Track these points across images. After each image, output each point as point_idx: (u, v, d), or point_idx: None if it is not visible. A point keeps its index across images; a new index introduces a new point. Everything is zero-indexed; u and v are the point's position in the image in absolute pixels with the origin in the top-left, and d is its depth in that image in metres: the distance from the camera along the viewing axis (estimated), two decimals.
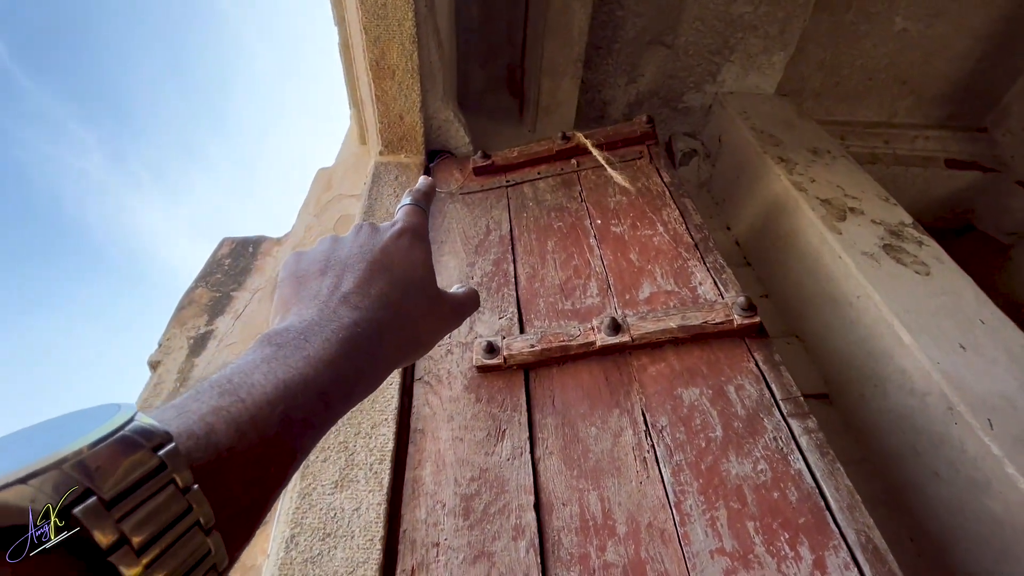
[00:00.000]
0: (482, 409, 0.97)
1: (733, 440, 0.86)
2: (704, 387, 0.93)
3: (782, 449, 0.84)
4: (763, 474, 0.81)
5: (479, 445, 0.92)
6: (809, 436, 0.85)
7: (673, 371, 0.96)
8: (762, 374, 0.92)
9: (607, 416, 0.92)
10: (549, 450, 0.90)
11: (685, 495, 0.81)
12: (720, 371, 0.94)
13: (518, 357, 1.01)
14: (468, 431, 0.94)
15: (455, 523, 0.83)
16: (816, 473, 0.80)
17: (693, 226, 1.25)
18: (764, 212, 1.79)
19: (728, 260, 1.91)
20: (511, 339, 1.04)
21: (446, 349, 1.10)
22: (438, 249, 1.33)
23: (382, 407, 0.98)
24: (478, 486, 0.86)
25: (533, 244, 1.29)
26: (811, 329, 1.59)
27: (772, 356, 0.96)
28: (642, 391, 0.95)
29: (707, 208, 2.14)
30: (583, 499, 0.83)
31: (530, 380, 1.00)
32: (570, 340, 1.01)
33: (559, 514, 0.82)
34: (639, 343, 1.00)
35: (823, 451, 0.83)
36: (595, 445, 0.89)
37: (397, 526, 0.84)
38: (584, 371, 1.00)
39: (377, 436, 0.93)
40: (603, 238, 1.26)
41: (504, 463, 0.89)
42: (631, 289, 1.14)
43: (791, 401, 0.90)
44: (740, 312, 0.99)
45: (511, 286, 1.20)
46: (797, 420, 0.87)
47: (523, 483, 0.86)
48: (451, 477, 0.88)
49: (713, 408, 0.90)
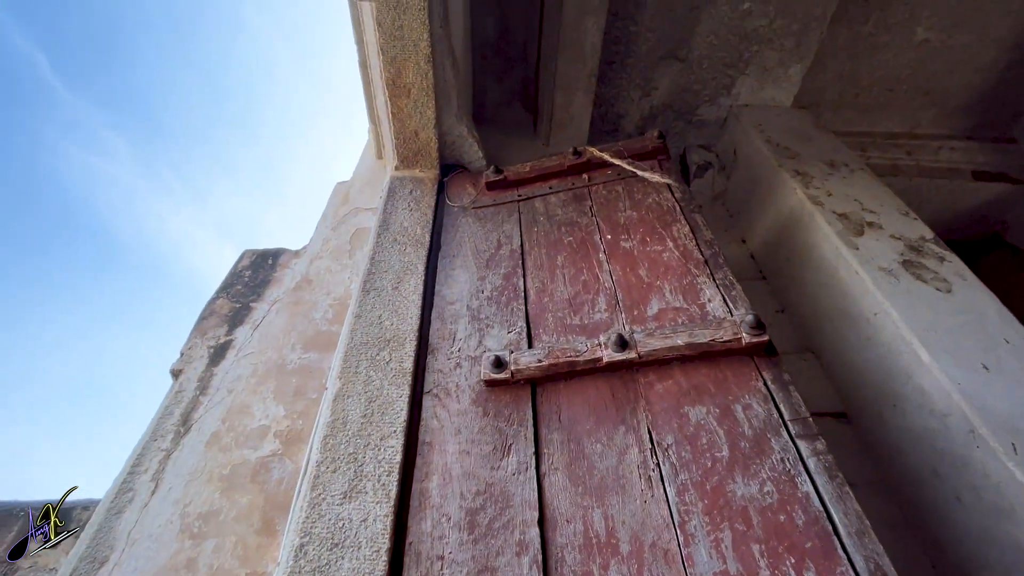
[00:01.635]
0: (489, 423, 0.98)
1: (739, 460, 0.85)
2: (711, 405, 0.93)
3: (789, 471, 0.83)
4: (769, 496, 0.81)
5: (485, 459, 0.93)
6: (817, 458, 0.84)
7: (680, 389, 0.96)
8: (770, 393, 0.92)
9: (613, 433, 0.93)
10: (554, 466, 0.91)
11: (690, 515, 0.81)
12: (728, 390, 0.94)
13: (525, 372, 1.02)
14: (475, 445, 0.95)
15: (460, 537, 0.83)
16: (824, 496, 0.79)
17: (703, 242, 1.25)
18: (779, 226, 1.78)
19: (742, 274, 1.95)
20: (519, 353, 1.05)
21: (455, 362, 1.12)
22: (449, 263, 1.35)
23: (391, 419, 0.99)
24: (483, 500, 0.87)
25: (543, 259, 1.30)
26: (828, 345, 1.56)
27: (781, 375, 0.95)
28: (648, 408, 0.95)
29: (721, 221, 2.12)
30: (587, 516, 0.83)
31: (537, 395, 1.01)
32: (577, 356, 1.02)
33: (563, 531, 0.82)
34: (646, 360, 1.00)
35: (831, 474, 0.82)
36: (600, 462, 0.89)
37: (403, 538, 0.85)
38: (591, 387, 1.00)
39: (386, 448, 0.94)
40: (612, 253, 1.27)
41: (509, 478, 0.89)
42: (639, 305, 1.14)
43: (800, 422, 0.89)
44: (749, 330, 0.98)
45: (520, 300, 1.21)
46: (805, 441, 0.86)
47: (528, 498, 0.86)
48: (457, 490, 0.89)
49: (720, 427, 0.90)
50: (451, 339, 1.16)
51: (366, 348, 1.11)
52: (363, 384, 1.04)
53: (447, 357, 1.13)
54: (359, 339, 1.13)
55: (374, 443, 0.95)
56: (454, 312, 1.21)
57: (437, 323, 1.20)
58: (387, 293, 1.22)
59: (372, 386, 1.04)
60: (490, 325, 1.17)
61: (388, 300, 1.21)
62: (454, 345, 1.15)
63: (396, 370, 1.07)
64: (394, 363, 1.09)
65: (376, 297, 1.22)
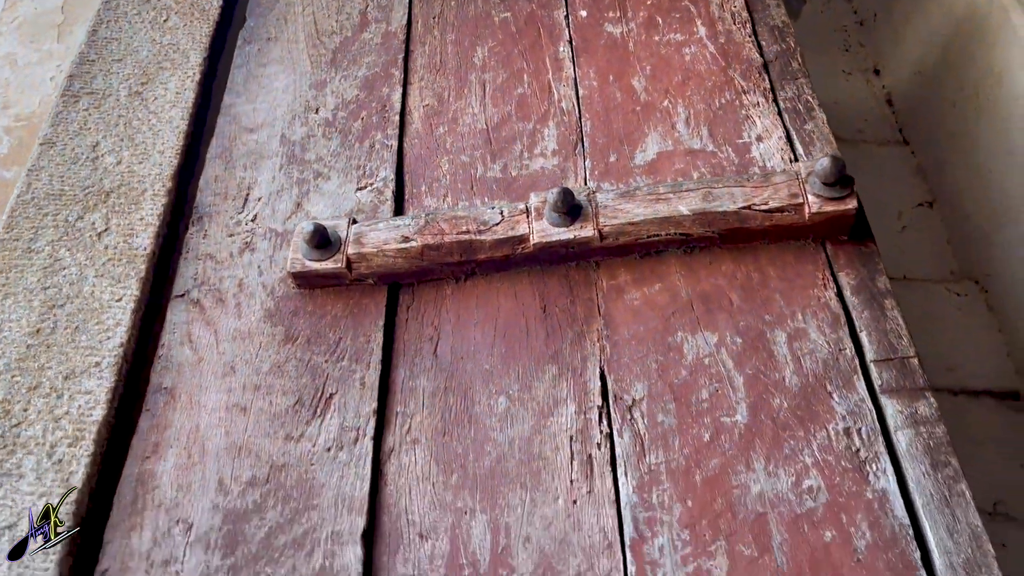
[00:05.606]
0: (294, 356, 0.98)
1: (765, 432, 0.85)
2: (728, 331, 0.93)
3: (857, 452, 0.82)
4: (810, 496, 0.80)
5: (278, 421, 0.93)
6: (915, 431, 0.82)
7: (673, 299, 0.96)
8: (846, 311, 0.91)
9: (533, 377, 0.93)
10: (412, 437, 0.91)
11: (655, 528, 0.80)
12: (766, 302, 0.94)
13: (376, 261, 1.00)
14: (261, 395, 0.95)
15: (205, 562, 0.83)
16: (915, 499, 0.77)
17: (768, 29, 1.21)
18: (943, 42, 1.77)
19: (868, 131, 2.03)
20: (367, 226, 1.02)
21: (243, 241, 1.10)
22: (258, 54, 1.31)
23: (94, 342, 0.98)
24: (262, 495, 0.87)
25: (447, 52, 1.29)
26: (1007, 273, 1.56)
27: (873, 279, 0.93)
28: (608, 333, 0.95)
29: (839, 33, 2.14)
30: (460, 528, 0.83)
31: (399, 307, 1.02)
32: (481, 232, 0.99)
33: (409, 552, 0.82)
34: (614, 244, 0.98)
35: (937, 461, 0.79)
36: (500, 430, 0.90)
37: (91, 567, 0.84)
38: (503, 293, 1.01)
39: (76, 394, 0.93)
40: (585, 46, 1.25)
41: (320, 456, 0.89)
42: (623, 144, 1.13)
43: (893, 365, 0.87)
44: (820, 190, 0.94)
45: (392, 129, 1.20)
46: (897, 400, 0.84)
47: (348, 493, 0.86)
48: (213, 476, 0.89)
49: (739, 370, 0.90)
50: (241, 197, 1.16)
51: (57, 204, 1.11)
52: (42, 271, 1.03)
53: (228, 231, 1.13)
54: (45, 187, 1.12)
55: (52, 386, 0.93)
56: (255, 147, 1.22)
57: (217, 166, 1.20)
58: (117, 104, 1.21)
59: (61, 276, 1.03)
60: (324, 174, 1.17)
61: (117, 117, 1.20)
62: (246, 208, 1.14)
63: (117, 250, 1.06)
64: (115, 236, 1.07)
65: (93, 110, 1.21)
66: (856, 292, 0.92)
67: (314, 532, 0.83)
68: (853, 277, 0.93)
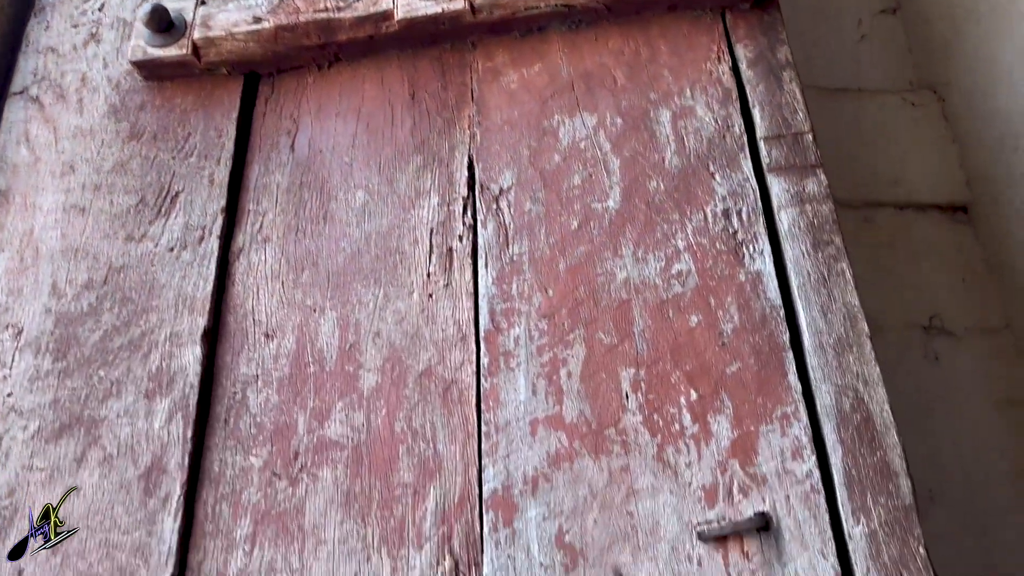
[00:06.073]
0: (139, 152, 0.94)
1: (637, 216, 0.82)
2: (609, 111, 0.90)
3: (734, 234, 0.80)
4: (679, 281, 0.78)
5: (119, 221, 0.90)
6: (800, 209, 0.79)
7: (552, 80, 0.92)
8: (739, 86, 0.88)
9: (397, 169, 0.91)
10: (263, 235, 0.89)
11: (512, 319, 0.79)
12: (653, 79, 0.90)
13: (226, 46, 0.94)
14: (102, 194, 0.92)
15: (35, 366, 0.82)
16: (792, 281, 0.76)
17: None
18: None
19: None
20: (216, 7, 0.96)
21: (88, 32, 1.03)
22: None
23: None
24: (98, 297, 0.85)
25: None
26: (967, 79, 1.51)
27: (773, 49, 0.88)
28: (479, 119, 0.92)
29: None
30: (308, 326, 0.82)
31: (258, 98, 0.98)
32: (340, 9, 0.93)
33: (253, 352, 0.81)
34: (490, 19, 0.92)
35: (820, 240, 0.77)
36: (357, 225, 0.89)
37: None
38: (369, 79, 0.97)
39: None
40: None
41: (162, 255, 0.88)
42: None
43: (785, 141, 0.83)
44: None
45: None
46: (785, 178, 0.80)
47: (190, 293, 0.85)
48: (47, 279, 0.87)
49: (616, 153, 0.87)
50: None
51: None
52: None
53: (72, 22, 1.07)
54: None
55: None
56: None
57: None
58: None
59: None
60: None
61: None
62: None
63: None
64: None
65: None
66: (752, 65, 0.88)
67: (152, 334, 0.82)
68: (751, 49, 0.89)
